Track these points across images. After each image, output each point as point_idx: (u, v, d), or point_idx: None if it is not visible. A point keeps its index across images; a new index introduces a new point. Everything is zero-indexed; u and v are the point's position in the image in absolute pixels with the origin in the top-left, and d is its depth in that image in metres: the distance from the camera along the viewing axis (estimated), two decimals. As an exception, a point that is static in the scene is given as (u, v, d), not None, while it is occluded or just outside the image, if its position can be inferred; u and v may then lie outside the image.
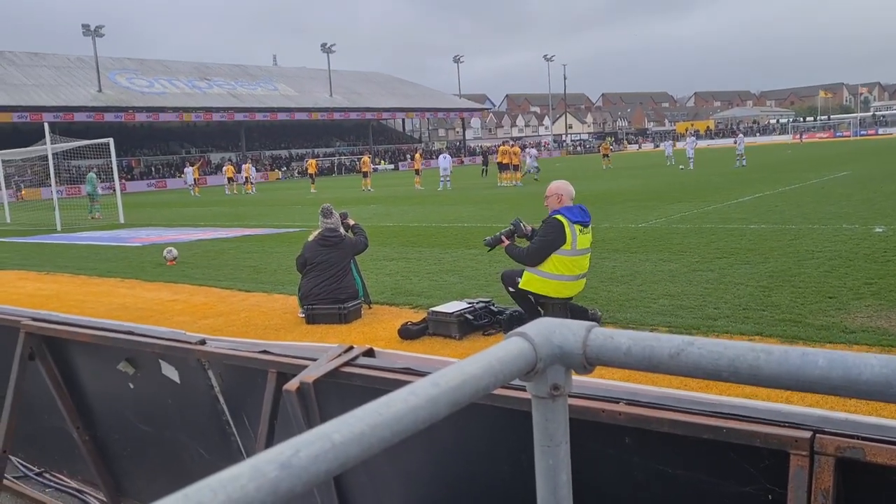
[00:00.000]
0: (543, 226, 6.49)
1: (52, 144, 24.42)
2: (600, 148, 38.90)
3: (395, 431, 0.73)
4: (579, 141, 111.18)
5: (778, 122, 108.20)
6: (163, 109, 67.19)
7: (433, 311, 6.80)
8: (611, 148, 50.05)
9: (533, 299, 6.58)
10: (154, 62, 77.67)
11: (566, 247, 6.33)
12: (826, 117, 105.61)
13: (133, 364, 2.87)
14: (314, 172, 41.22)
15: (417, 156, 37.94)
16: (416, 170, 35.71)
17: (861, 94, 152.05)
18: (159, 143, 72.27)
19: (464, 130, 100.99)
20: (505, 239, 6.77)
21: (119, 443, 3.19)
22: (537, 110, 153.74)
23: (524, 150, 40.56)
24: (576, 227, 6.36)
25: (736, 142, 38.70)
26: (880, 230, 11.00)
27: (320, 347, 2.33)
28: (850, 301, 6.77)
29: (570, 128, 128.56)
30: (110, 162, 25.85)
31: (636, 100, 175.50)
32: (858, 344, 5.52)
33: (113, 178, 26.36)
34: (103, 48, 67.45)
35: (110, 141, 25.04)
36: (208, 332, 2.85)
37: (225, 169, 45.23)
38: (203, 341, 2.57)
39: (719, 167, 34.96)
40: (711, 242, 10.89)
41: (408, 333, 6.69)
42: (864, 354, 0.81)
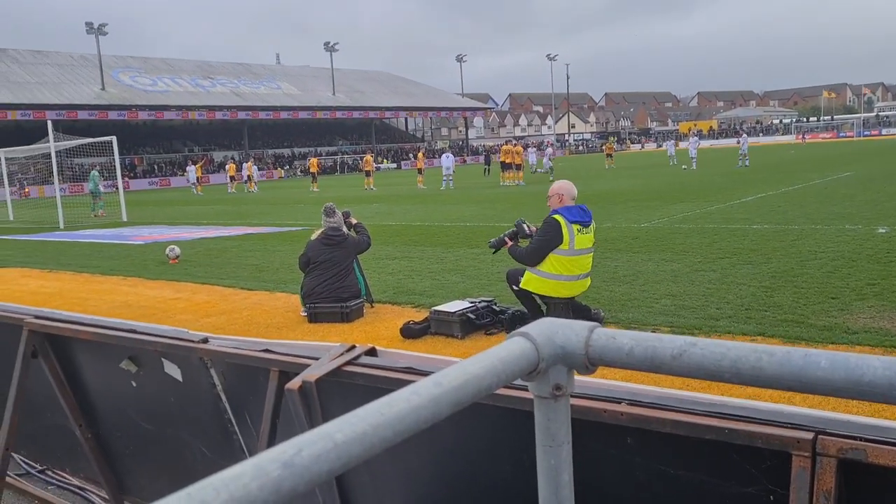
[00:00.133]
0: (542, 225, 6.54)
1: (56, 142, 24.44)
2: (604, 147, 38.93)
3: (397, 431, 0.73)
4: (582, 140, 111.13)
5: (781, 122, 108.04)
6: (166, 108, 67.27)
7: (435, 311, 6.80)
8: (614, 148, 50.04)
9: (537, 298, 6.61)
10: (157, 60, 77.74)
11: (563, 247, 6.34)
12: (829, 118, 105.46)
13: (135, 362, 2.87)
14: (316, 171, 41.20)
15: (420, 155, 37.92)
16: (419, 169, 35.69)
17: (865, 94, 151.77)
18: (162, 142, 72.34)
19: (466, 130, 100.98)
20: (508, 240, 6.83)
21: (121, 441, 3.20)
22: (540, 110, 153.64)
23: (540, 149, 40.52)
24: (574, 227, 6.36)
25: (739, 142, 38.65)
26: (883, 231, 10.98)
27: (322, 346, 2.33)
28: (853, 302, 6.76)
29: (573, 127, 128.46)
30: (113, 160, 25.90)
31: (639, 99, 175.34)
32: (861, 345, 5.51)
33: (116, 177, 26.39)
34: (106, 46, 67.66)
35: (113, 139, 25.07)
36: (210, 331, 2.85)
37: (227, 167, 45.26)
38: (205, 340, 2.57)
39: (722, 167, 34.92)
40: (714, 242, 10.87)
41: (410, 332, 6.69)
42: (867, 356, 0.81)
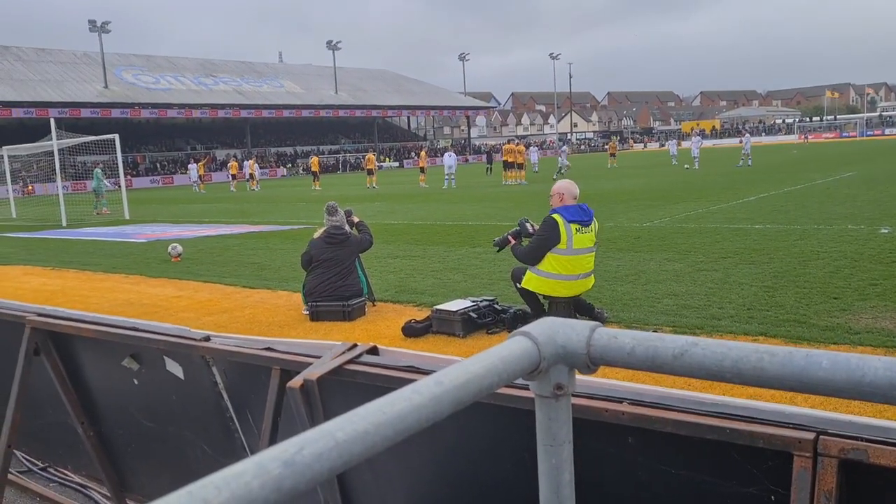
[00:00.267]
0: (540, 225, 6.58)
1: (58, 140, 24.47)
2: (608, 147, 39.03)
3: (398, 430, 0.73)
4: (584, 140, 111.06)
5: (784, 121, 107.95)
6: (169, 106, 67.33)
7: (437, 309, 6.80)
8: (617, 147, 50.07)
9: (540, 297, 6.63)
10: (160, 58, 77.82)
11: (561, 246, 6.36)
12: (832, 117, 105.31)
13: (137, 360, 2.88)
14: (317, 170, 41.21)
15: (422, 154, 37.92)
16: (421, 168, 35.68)
17: (868, 94, 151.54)
18: (165, 140, 72.41)
19: (469, 129, 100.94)
20: (511, 239, 6.87)
21: (123, 438, 3.20)
22: (543, 109, 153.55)
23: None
24: (572, 227, 6.37)
25: (742, 141, 38.62)
26: (886, 231, 10.96)
27: (324, 345, 2.33)
28: (855, 302, 6.75)
29: (576, 126, 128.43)
30: (116, 158, 25.92)
31: (642, 99, 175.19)
32: (863, 345, 5.50)
33: (118, 174, 26.42)
34: (109, 44, 67.67)
35: (116, 137, 25.10)
36: (212, 329, 2.86)
37: (229, 165, 45.27)
38: (207, 338, 2.57)
39: (724, 167, 34.88)
40: (716, 242, 10.86)
41: (412, 331, 6.70)
42: (868, 356, 0.81)
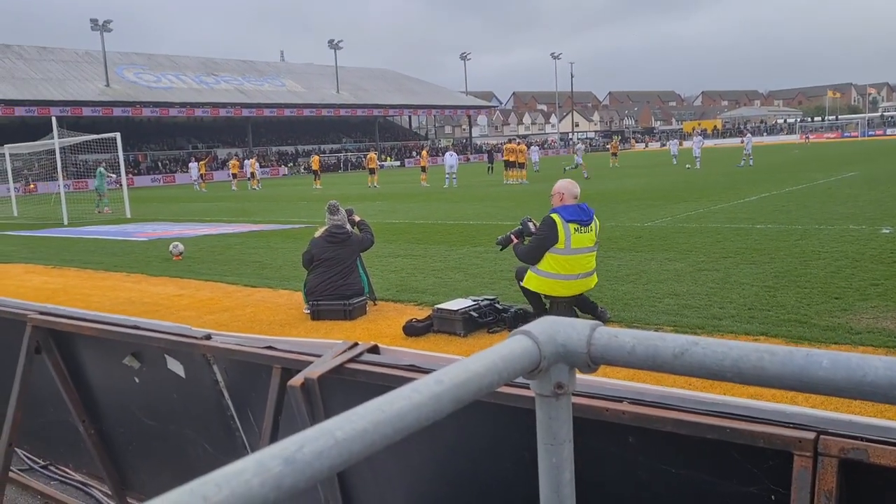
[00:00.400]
0: (539, 224, 6.60)
1: (60, 139, 24.49)
2: (610, 146, 39.11)
3: (397, 428, 0.73)
4: (586, 139, 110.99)
5: (785, 121, 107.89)
6: (170, 104, 67.34)
7: (438, 309, 6.81)
8: (618, 147, 50.06)
9: (542, 297, 6.64)
10: (162, 57, 77.83)
11: (559, 246, 6.37)
12: (834, 117, 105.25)
13: (138, 358, 2.88)
14: (318, 169, 41.22)
15: (424, 153, 37.92)
16: (423, 167, 35.68)
17: (869, 94, 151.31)
18: (166, 138, 72.44)
19: (470, 128, 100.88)
20: (514, 238, 6.89)
21: (124, 437, 3.20)
22: (544, 108, 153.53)
23: (572, 146, 40.48)
24: (570, 226, 6.38)
25: (743, 141, 38.59)
26: (887, 231, 10.95)
27: (325, 344, 2.33)
28: (856, 302, 6.74)
29: (577, 126, 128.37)
30: (117, 156, 25.94)
31: (643, 98, 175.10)
32: (864, 345, 5.50)
33: (120, 173, 26.43)
34: (111, 43, 67.59)
35: (117, 136, 25.11)
36: (214, 328, 2.86)
37: (230, 164, 45.27)
38: (208, 336, 2.57)
39: (726, 166, 34.87)
40: (717, 242, 10.86)
41: (412, 330, 6.70)
42: (869, 356, 0.81)
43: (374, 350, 2.18)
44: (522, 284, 6.70)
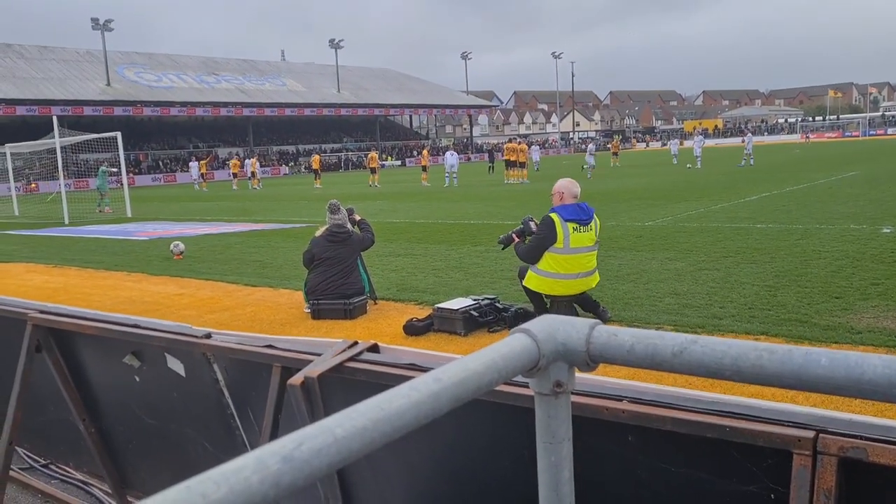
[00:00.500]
0: (539, 224, 6.61)
1: (61, 138, 24.49)
2: (611, 146, 39.11)
3: (396, 426, 0.74)
4: (587, 138, 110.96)
5: (786, 121, 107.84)
6: (171, 104, 67.35)
7: (438, 308, 6.81)
8: (619, 146, 50.04)
9: (543, 296, 6.66)
10: (162, 56, 77.82)
11: (558, 245, 6.38)
12: (835, 117, 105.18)
13: (139, 357, 2.88)
14: (318, 168, 41.21)
15: (425, 152, 37.89)
16: (423, 166, 35.67)
17: (870, 93, 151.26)
18: (167, 138, 72.45)
19: (471, 127, 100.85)
20: (516, 237, 6.91)
21: (124, 435, 3.21)
22: (545, 108, 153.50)
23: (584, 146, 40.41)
24: (569, 226, 6.38)
25: (744, 141, 38.56)
26: (888, 231, 10.95)
27: (325, 342, 2.33)
28: (857, 301, 6.74)
29: (578, 125, 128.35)
30: (118, 156, 25.95)
31: (644, 98, 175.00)
32: (864, 344, 5.50)
33: (121, 173, 26.44)
34: (112, 42, 67.72)
35: (118, 135, 25.12)
36: (214, 327, 2.86)
37: (230, 164, 45.27)
38: (208, 335, 2.58)
39: (727, 166, 34.86)
40: (718, 241, 10.86)
41: (413, 329, 6.70)
42: (868, 354, 0.81)
43: (374, 349, 2.18)
44: (524, 284, 6.73)
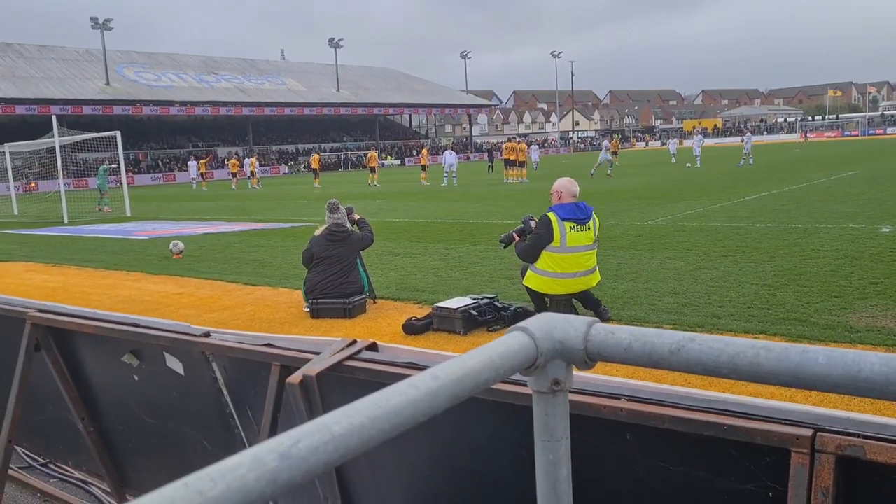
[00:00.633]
0: (537, 223, 6.63)
1: (60, 137, 24.47)
2: (610, 145, 39.28)
3: (394, 424, 0.74)
4: (586, 138, 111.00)
5: (786, 120, 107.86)
6: (170, 103, 67.28)
7: (438, 307, 6.81)
8: (618, 146, 50.00)
9: (543, 295, 6.67)
10: (162, 56, 77.75)
11: (555, 244, 6.40)
12: (834, 116, 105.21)
13: (138, 356, 2.88)
14: (318, 167, 41.18)
15: (424, 152, 37.87)
16: (423, 165, 35.66)
17: (870, 93, 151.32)
18: (167, 137, 72.39)
19: (470, 127, 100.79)
20: (516, 236, 6.93)
21: (123, 434, 3.21)
22: (544, 107, 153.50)
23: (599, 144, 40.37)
24: (566, 225, 6.39)
25: (743, 140, 38.54)
26: (887, 230, 10.95)
27: (324, 341, 2.33)
28: (856, 301, 6.75)
29: (577, 125, 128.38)
30: (117, 155, 25.93)
31: (644, 97, 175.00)
32: (863, 344, 5.50)
33: (120, 172, 26.43)
34: (111, 41, 67.70)
35: (117, 134, 25.11)
36: (213, 326, 2.86)
37: (230, 163, 45.25)
38: (207, 334, 2.58)
39: (726, 165, 34.86)
40: (717, 241, 10.86)
41: (412, 328, 6.70)
42: (865, 352, 0.81)
43: (373, 348, 2.18)
44: (524, 283, 6.75)
